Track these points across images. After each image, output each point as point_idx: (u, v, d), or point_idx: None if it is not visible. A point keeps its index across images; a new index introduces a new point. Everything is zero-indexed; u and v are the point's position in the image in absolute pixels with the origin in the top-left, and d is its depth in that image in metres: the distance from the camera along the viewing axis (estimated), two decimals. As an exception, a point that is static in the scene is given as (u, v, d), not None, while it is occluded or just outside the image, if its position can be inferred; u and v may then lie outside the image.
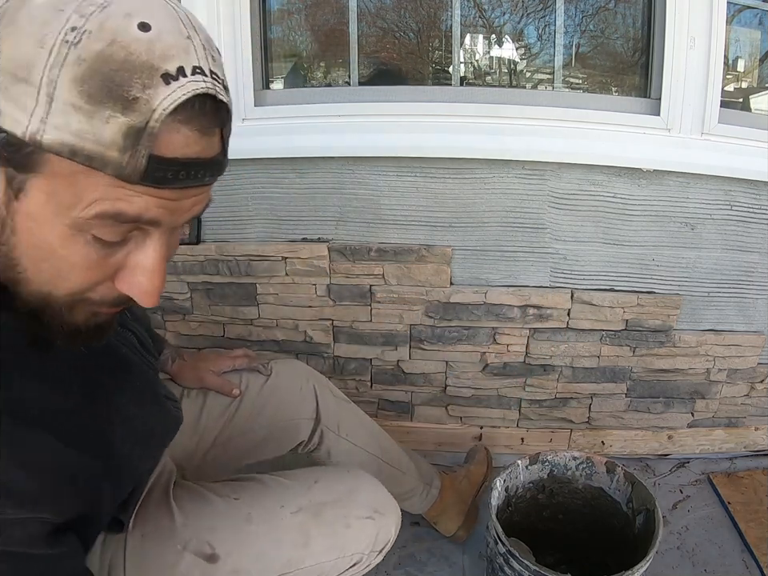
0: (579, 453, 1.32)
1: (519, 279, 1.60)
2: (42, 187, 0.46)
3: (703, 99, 1.43)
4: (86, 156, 0.44)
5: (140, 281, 0.53)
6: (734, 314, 1.63)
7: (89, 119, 0.43)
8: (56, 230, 0.48)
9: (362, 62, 1.60)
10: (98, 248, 0.50)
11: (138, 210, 0.48)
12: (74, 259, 0.50)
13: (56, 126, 0.43)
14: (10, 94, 0.43)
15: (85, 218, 0.47)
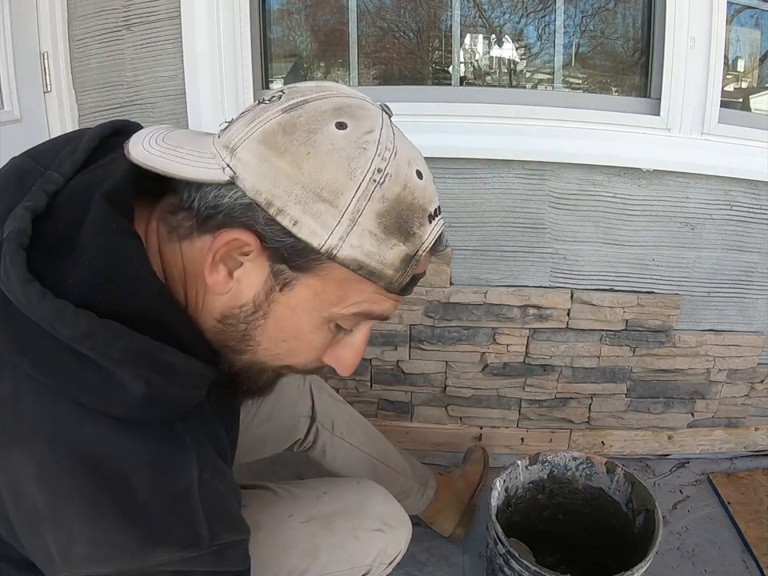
0: (579, 453, 1.32)
1: (519, 279, 1.60)
2: (312, 286, 0.54)
3: (703, 99, 1.43)
4: (368, 271, 0.53)
5: (348, 357, 0.63)
6: (733, 314, 1.63)
7: (379, 244, 0.52)
8: (311, 320, 0.57)
9: (361, 62, 1.60)
10: (334, 333, 0.60)
11: (383, 311, 0.59)
12: (315, 342, 0.59)
13: (351, 245, 0.51)
14: (312, 210, 0.50)
15: (344, 314, 0.57)
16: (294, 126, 0.51)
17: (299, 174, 0.50)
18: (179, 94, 1.49)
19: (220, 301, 0.56)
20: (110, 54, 1.51)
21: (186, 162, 0.54)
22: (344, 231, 0.51)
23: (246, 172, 0.51)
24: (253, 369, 0.62)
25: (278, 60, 1.68)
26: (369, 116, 0.55)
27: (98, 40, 1.51)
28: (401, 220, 0.53)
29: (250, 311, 0.56)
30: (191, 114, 1.50)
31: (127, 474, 0.51)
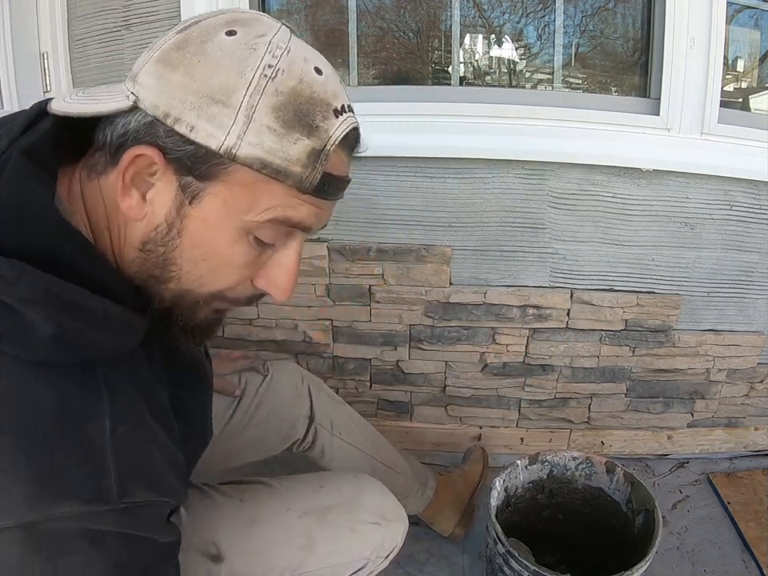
0: (579, 453, 1.32)
1: (519, 279, 1.60)
2: (220, 194, 0.53)
3: (703, 99, 1.43)
4: (273, 169, 0.52)
5: (280, 278, 0.61)
6: (733, 313, 1.63)
7: (280, 139, 0.52)
8: (226, 232, 0.55)
9: (361, 62, 1.60)
10: (255, 248, 0.58)
11: (301, 217, 0.57)
12: (235, 258, 0.57)
13: (250, 143, 0.51)
14: (206, 114, 0.51)
15: (258, 221, 0.55)
16: (187, 42, 0.53)
17: (191, 83, 0.51)
18: (179, 93, 1.49)
19: (138, 228, 0.56)
20: (110, 54, 1.51)
21: (98, 101, 0.55)
22: (240, 129, 0.51)
23: (146, 92, 0.52)
24: (183, 302, 0.60)
25: (278, 60, 1.68)
26: (262, 24, 0.56)
27: (97, 40, 1.51)
28: (300, 113, 0.52)
29: (164, 231, 0.55)
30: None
31: (33, 416, 0.49)
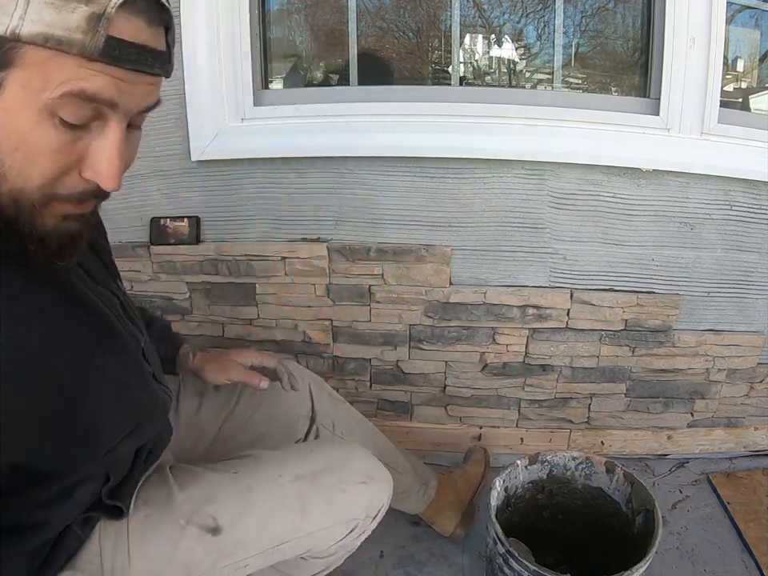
0: (578, 453, 1.32)
1: (518, 279, 1.60)
2: (18, 79, 0.53)
3: (703, 99, 1.43)
4: (56, 40, 0.51)
5: (102, 164, 0.59)
6: (733, 313, 1.63)
7: (58, 11, 0.51)
8: (28, 117, 0.54)
9: (361, 62, 1.60)
10: (64, 131, 0.56)
11: (96, 87, 0.55)
12: (43, 143, 0.56)
13: (32, 20, 0.51)
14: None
15: (53, 98, 0.53)
16: None
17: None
18: (178, 94, 1.49)
19: None
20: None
21: None
22: (23, 10, 0.51)
23: None
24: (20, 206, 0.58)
25: (278, 60, 1.68)
26: None
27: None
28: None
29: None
30: (190, 114, 1.50)
31: None
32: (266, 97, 1.59)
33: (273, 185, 1.57)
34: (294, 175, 1.55)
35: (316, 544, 0.96)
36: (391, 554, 1.48)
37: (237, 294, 1.66)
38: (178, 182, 1.58)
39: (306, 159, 1.53)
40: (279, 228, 1.61)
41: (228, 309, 1.68)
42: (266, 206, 1.59)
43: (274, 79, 1.68)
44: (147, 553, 0.84)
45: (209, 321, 1.71)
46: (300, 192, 1.57)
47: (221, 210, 1.61)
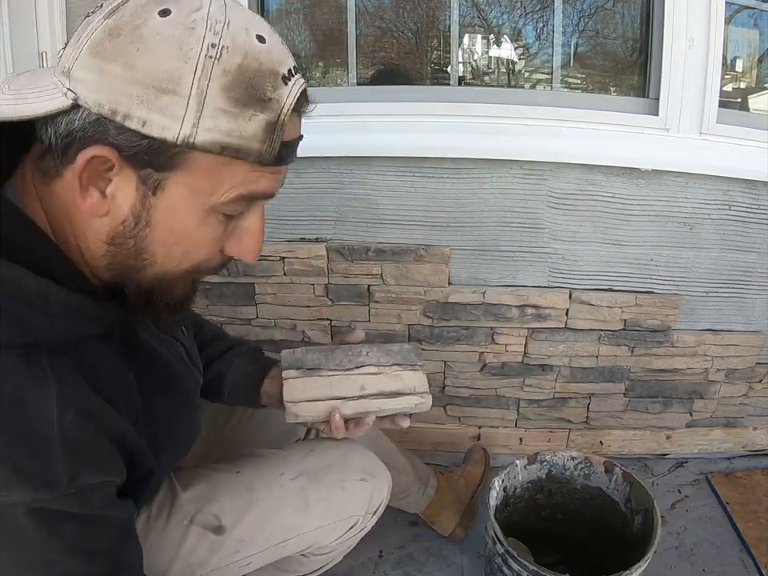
0: (577, 453, 1.32)
1: (517, 279, 1.60)
2: (182, 181, 0.53)
3: (702, 99, 1.43)
4: (233, 149, 0.52)
5: (249, 244, 0.63)
6: (732, 313, 1.63)
7: (235, 120, 0.51)
8: (193, 216, 0.56)
9: (360, 62, 1.60)
10: (223, 221, 0.59)
11: (265, 187, 0.58)
12: (206, 238, 0.59)
13: (207, 129, 0.50)
14: (156, 105, 0.49)
15: (224, 202, 0.56)
16: (119, 29, 0.49)
17: (134, 74, 0.48)
18: (178, 93, 1.49)
19: (103, 225, 0.56)
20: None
21: (30, 100, 0.52)
22: (194, 117, 0.49)
23: (85, 89, 0.50)
24: (162, 283, 0.61)
25: (277, 60, 1.68)
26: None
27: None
28: (251, 89, 0.51)
29: (132, 224, 0.55)
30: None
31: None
32: (265, 97, 1.59)
33: (272, 185, 1.57)
34: (292, 175, 1.55)
35: (317, 541, 0.97)
36: (390, 553, 1.48)
37: (236, 293, 1.66)
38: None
39: (305, 159, 1.52)
40: (278, 228, 1.61)
41: (227, 309, 1.68)
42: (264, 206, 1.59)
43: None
44: (151, 552, 0.84)
45: (208, 321, 1.70)
46: (299, 192, 1.57)
47: (220, 210, 1.60)
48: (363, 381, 0.87)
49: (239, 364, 1.04)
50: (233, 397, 1.04)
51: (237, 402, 1.07)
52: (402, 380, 0.87)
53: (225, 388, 1.03)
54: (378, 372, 0.88)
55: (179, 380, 0.80)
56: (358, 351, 0.90)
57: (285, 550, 0.95)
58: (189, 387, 0.83)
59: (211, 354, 1.04)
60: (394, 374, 0.88)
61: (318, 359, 0.89)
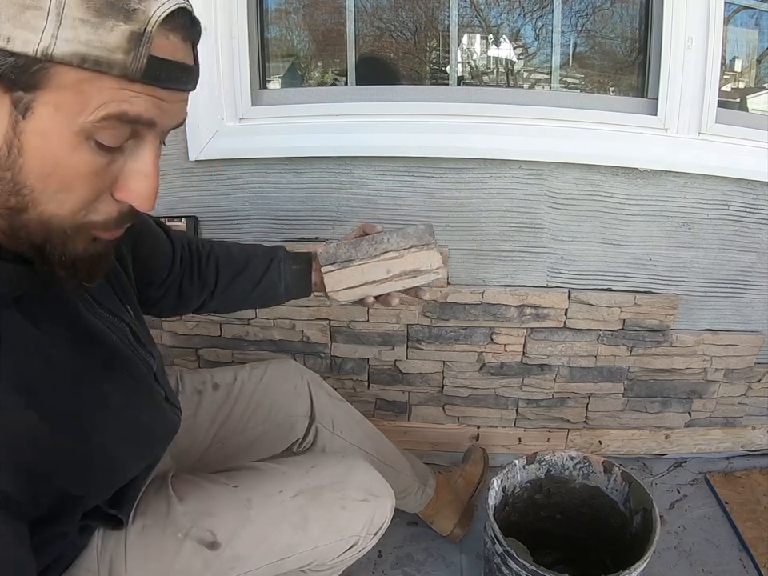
0: (576, 452, 1.32)
1: (516, 279, 1.60)
2: (50, 101, 0.50)
3: (700, 99, 1.43)
4: (94, 61, 0.49)
5: (138, 185, 0.58)
6: (731, 313, 1.63)
7: (95, 30, 0.49)
8: (64, 140, 0.52)
9: (359, 62, 1.60)
10: (101, 154, 0.55)
11: (138, 110, 0.53)
12: (79, 167, 0.54)
13: (66, 39, 0.48)
14: (20, 21, 0.47)
15: (92, 121, 0.52)
16: None
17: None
18: (176, 93, 1.49)
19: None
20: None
21: None
22: (54, 28, 0.48)
23: None
24: (52, 232, 0.57)
25: (276, 59, 1.68)
26: None
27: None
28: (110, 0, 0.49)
29: (5, 153, 0.52)
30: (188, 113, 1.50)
31: None
32: (264, 97, 1.59)
33: (270, 185, 1.57)
34: (291, 175, 1.55)
35: (315, 559, 0.95)
36: (389, 553, 1.48)
37: (235, 293, 1.65)
38: (175, 181, 1.58)
39: (304, 159, 1.53)
40: (277, 228, 1.61)
41: (226, 309, 1.68)
42: (263, 206, 1.59)
43: (272, 79, 1.67)
44: (145, 564, 0.83)
45: (206, 320, 1.70)
46: (298, 192, 1.57)
47: (218, 210, 1.61)
48: (388, 265, 1.01)
49: (286, 270, 1.09)
50: (288, 296, 1.11)
51: (292, 297, 1.12)
52: (419, 259, 1.01)
53: (281, 293, 1.10)
54: (399, 256, 1.01)
55: (128, 365, 0.76)
56: (380, 239, 1.02)
57: (282, 568, 0.93)
58: (139, 373, 0.78)
59: (256, 272, 1.08)
60: (412, 255, 1.01)
61: (349, 252, 1.00)
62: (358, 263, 1.00)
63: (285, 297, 1.11)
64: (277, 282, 1.09)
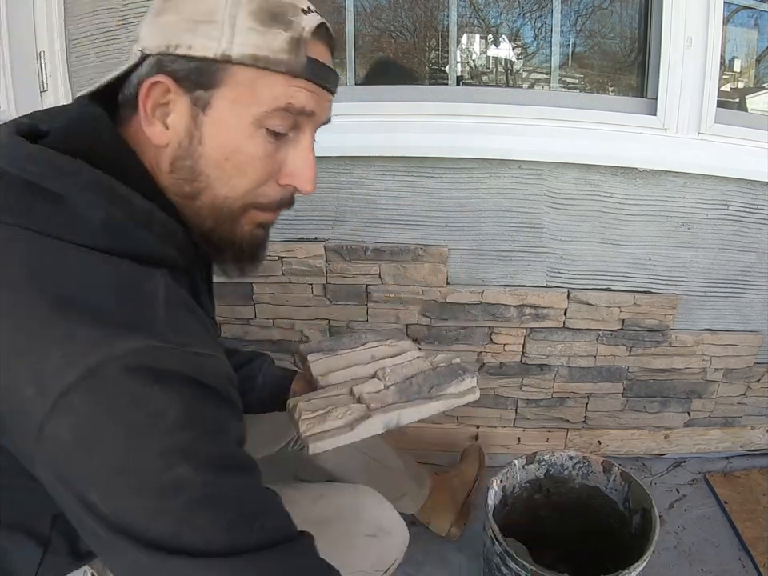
0: (576, 452, 1.32)
1: (516, 279, 1.60)
2: (227, 96, 0.61)
3: (700, 99, 1.43)
4: (265, 60, 0.60)
5: (301, 169, 0.69)
6: (730, 313, 1.63)
7: (263, 36, 0.59)
8: (240, 129, 0.62)
9: (358, 62, 1.60)
10: (271, 140, 0.64)
11: (302, 101, 0.64)
12: (254, 151, 0.63)
13: (240, 44, 0.59)
14: (199, 32, 0.59)
15: (265, 111, 0.62)
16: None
17: (181, 16, 0.60)
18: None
19: (166, 153, 0.63)
20: (108, 53, 1.51)
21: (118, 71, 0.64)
22: (229, 35, 0.59)
23: (148, 41, 0.61)
24: (221, 216, 0.66)
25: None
26: None
27: (94, 40, 1.51)
28: (273, 13, 0.60)
29: (186, 143, 0.62)
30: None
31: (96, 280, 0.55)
32: (264, 96, 1.59)
33: (270, 184, 1.57)
34: (291, 175, 1.55)
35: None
36: (389, 553, 1.47)
37: (234, 293, 1.65)
38: (175, 181, 1.58)
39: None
40: (276, 228, 1.59)
41: (226, 308, 1.68)
42: (263, 206, 1.59)
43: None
44: None
45: (206, 321, 1.70)
46: (297, 192, 1.56)
47: (218, 210, 1.60)
48: (372, 351, 1.06)
49: (269, 369, 1.10)
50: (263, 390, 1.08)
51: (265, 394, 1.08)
52: (399, 346, 1.08)
53: (256, 388, 1.07)
54: (380, 345, 1.07)
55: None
56: (358, 336, 1.10)
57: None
58: None
59: (239, 359, 1.08)
60: (392, 344, 1.08)
61: (332, 344, 1.07)
62: (342, 352, 1.05)
63: (259, 391, 1.07)
64: (256, 373, 1.08)
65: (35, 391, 0.49)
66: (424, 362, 1.04)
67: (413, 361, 1.04)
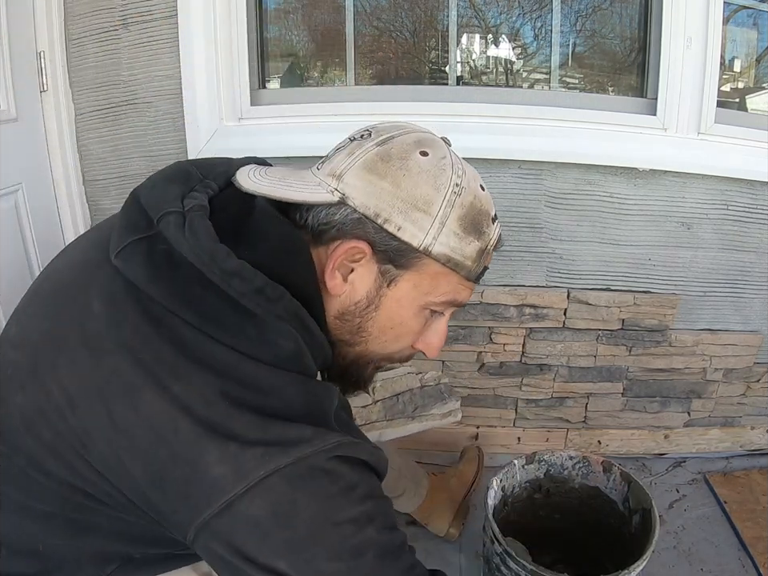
0: (575, 452, 1.32)
1: (516, 279, 1.60)
2: (411, 279, 0.67)
3: (700, 99, 1.43)
4: (454, 263, 0.67)
5: (434, 341, 0.76)
6: (730, 313, 1.63)
7: (460, 241, 0.66)
8: (411, 308, 0.70)
9: (358, 62, 1.60)
10: (428, 318, 0.73)
11: (464, 299, 0.72)
12: (415, 326, 0.72)
13: (442, 243, 0.65)
14: (411, 218, 0.64)
15: (436, 302, 0.70)
16: (389, 156, 0.66)
17: (399, 191, 0.64)
18: (176, 93, 1.49)
19: (337, 301, 0.69)
20: (107, 53, 1.51)
21: (294, 188, 0.67)
22: (436, 232, 0.64)
23: (355, 192, 0.64)
24: (361, 360, 0.74)
25: (275, 59, 1.68)
26: (439, 146, 0.70)
27: (94, 39, 1.51)
28: (474, 222, 0.67)
29: (363, 306, 0.69)
30: (187, 113, 1.50)
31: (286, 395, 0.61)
32: (263, 96, 1.59)
33: (270, 184, 1.57)
34: (291, 175, 1.55)
35: None
36: (388, 553, 1.47)
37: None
38: (175, 181, 1.58)
39: (303, 159, 1.52)
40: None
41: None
42: (263, 206, 1.59)
43: (271, 79, 1.67)
44: None
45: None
46: (297, 192, 1.56)
47: (218, 210, 1.60)
48: None
49: None
50: None
51: None
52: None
53: None
54: None
55: None
56: None
57: None
58: None
59: None
60: None
61: None
62: None
63: None
64: None
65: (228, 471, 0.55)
66: (414, 378, 1.06)
67: (403, 376, 1.05)
